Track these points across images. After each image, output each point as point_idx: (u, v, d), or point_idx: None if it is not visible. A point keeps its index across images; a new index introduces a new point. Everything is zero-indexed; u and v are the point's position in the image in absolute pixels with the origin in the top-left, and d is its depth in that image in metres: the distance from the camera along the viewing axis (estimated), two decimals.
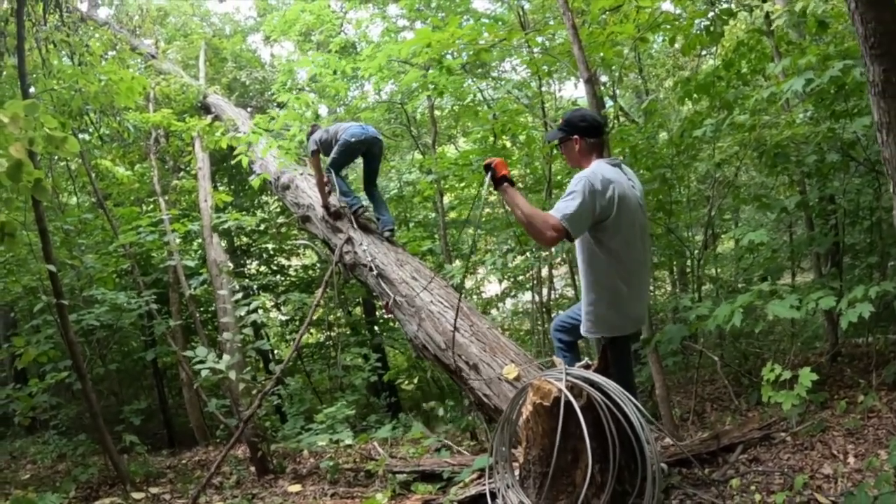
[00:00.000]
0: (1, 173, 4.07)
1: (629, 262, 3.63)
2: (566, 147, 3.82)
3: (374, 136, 6.67)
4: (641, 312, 3.83)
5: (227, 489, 5.93)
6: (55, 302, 6.49)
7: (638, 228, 3.67)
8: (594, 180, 3.45)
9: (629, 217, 3.57)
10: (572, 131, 3.74)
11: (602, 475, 3.25)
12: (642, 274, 3.74)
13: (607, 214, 3.47)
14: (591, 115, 3.90)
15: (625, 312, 3.71)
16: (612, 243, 3.56)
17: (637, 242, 3.66)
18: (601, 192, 3.43)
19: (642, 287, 3.78)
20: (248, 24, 14.98)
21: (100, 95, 7.51)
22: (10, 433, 10.44)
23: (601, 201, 3.43)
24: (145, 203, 10.18)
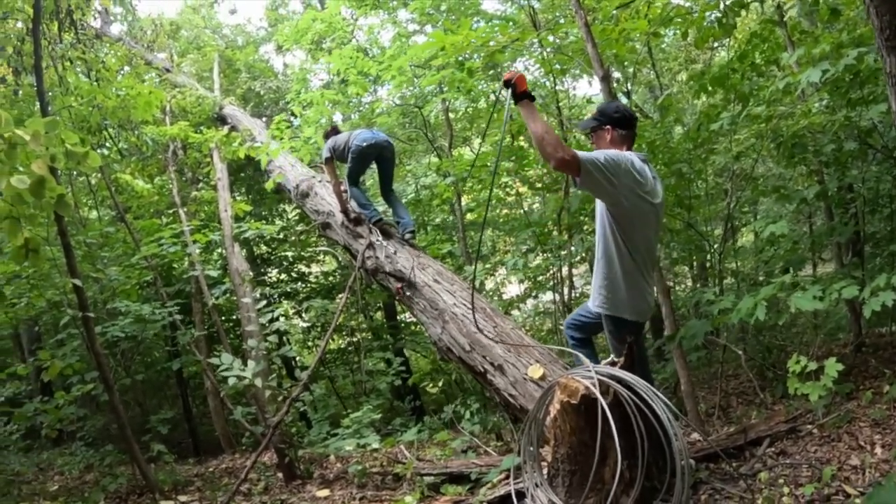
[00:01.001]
0: (24, 190, 4.14)
1: (639, 254, 3.72)
2: (598, 136, 3.90)
3: (385, 141, 6.72)
4: (647, 306, 3.88)
5: (255, 495, 5.96)
6: (80, 315, 6.57)
7: (653, 228, 3.78)
8: (627, 160, 3.57)
9: (648, 213, 3.67)
10: (606, 121, 3.84)
11: (631, 472, 3.26)
12: (650, 268, 3.83)
13: (629, 198, 3.57)
14: (624, 107, 3.97)
15: (633, 299, 3.78)
16: (627, 230, 3.67)
17: (650, 239, 3.78)
18: (626, 172, 3.53)
19: (649, 281, 3.85)
20: (260, 34, 15.14)
21: (118, 110, 7.62)
22: (37, 445, 10.54)
23: (624, 179, 3.52)
24: (165, 215, 10.26)
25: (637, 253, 3.71)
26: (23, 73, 7.88)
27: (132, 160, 11.23)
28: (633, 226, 3.68)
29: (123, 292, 8.62)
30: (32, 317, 9.71)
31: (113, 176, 9.56)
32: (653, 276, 3.88)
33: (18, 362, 10.99)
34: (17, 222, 4.46)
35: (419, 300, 5.66)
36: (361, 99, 10.39)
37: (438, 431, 6.90)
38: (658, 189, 3.77)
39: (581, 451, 3.38)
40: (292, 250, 12.54)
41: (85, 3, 8.06)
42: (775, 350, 7.40)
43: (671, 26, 6.52)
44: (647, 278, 3.80)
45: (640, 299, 3.80)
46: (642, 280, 3.76)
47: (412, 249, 6.36)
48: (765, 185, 7.66)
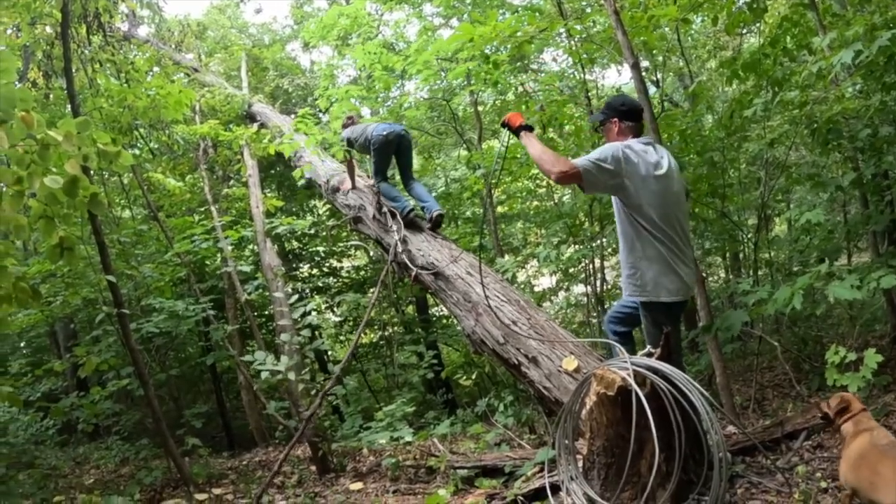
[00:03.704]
0: (58, 190, 4.20)
1: (662, 232, 3.75)
2: (606, 129, 4.07)
3: (402, 131, 6.84)
4: (682, 282, 3.85)
5: (289, 488, 6.02)
6: (116, 311, 6.67)
7: (671, 200, 3.82)
8: (621, 149, 3.74)
9: (659, 189, 3.75)
10: (612, 114, 4.00)
11: (667, 465, 3.23)
12: (679, 244, 3.84)
13: (633, 183, 3.70)
14: (630, 100, 4.16)
15: (662, 279, 3.80)
16: (643, 213, 3.74)
17: (671, 214, 3.80)
18: (625, 159, 3.70)
19: (681, 256, 3.84)
20: (286, 32, 15.16)
21: (148, 110, 7.71)
22: (73, 440, 10.72)
23: (626, 169, 3.69)
24: (197, 212, 10.36)
25: (660, 232, 3.75)
26: (53, 77, 8.00)
27: (163, 159, 11.37)
28: (649, 207, 3.74)
29: (157, 289, 8.74)
30: (68, 314, 9.90)
31: (145, 175, 9.68)
32: (686, 251, 3.87)
33: (54, 359, 11.18)
34: (52, 222, 4.54)
35: (452, 293, 5.64)
36: (389, 93, 10.39)
37: (471, 424, 6.90)
38: (665, 163, 3.84)
39: (617, 444, 3.36)
40: (323, 245, 12.61)
41: (112, 6, 8.15)
42: (810, 342, 7.30)
43: (700, 12, 6.44)
44: (677, 255, 3.80)
45: (670, 277, 3.79)
46: (672, 258, 3.77)
47: (444, 241, 6.35)
48: (798, 172, 7.54)
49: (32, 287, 4.77)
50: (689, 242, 3.96)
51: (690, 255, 3.95)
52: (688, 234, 3.97)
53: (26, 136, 4.03)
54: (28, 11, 6.89)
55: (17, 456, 7.94)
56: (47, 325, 11.27)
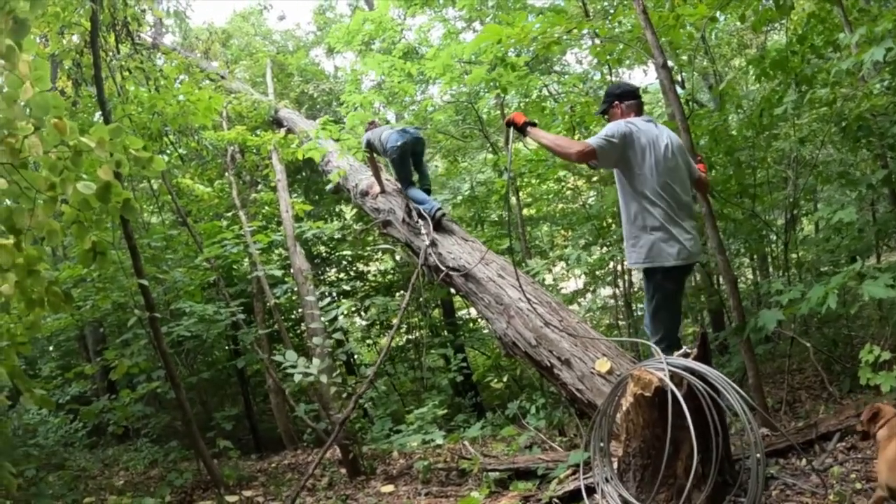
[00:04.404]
0: (91, 195, 4.26)
1: (662, 199, 3.99)
2: (611, 115, 4.35)
3: (416, 136, 7.03)
4: (682, 247, 4.00)
5: (319, 490, 6.04)
6: (147, 315, 6.75)
7: (671, 168, 4.05)
8: (624, 124, 4.05)
9: (659, 159, 4.00)
10: (612, 99, 4.35)
11: (703, 466, 3.21)
12: (678, 211, 4.03)
13: (635, 154, 4.00)
14: (625, 83, 4.63)
15: (664, 245, 3.98)
16: (644, 182, 4.00)
17: (670, 182, 4.02)
18: (629, 133, 4.01)
19: (680, 223, 4.01)
20: (310, 38, 15.27)
21: (178, 117, 7.82)
22: (102, 442, 10.83)
23: (629, 140, 3.99)
24: (225, 217, 10.46)
25: (659, 199, 3.98)
26: (82, 85, 8.11)
27: (192, 164, 11.49)
28: (650, 176, 3.99)
29: (187, 293, 8.83)
30: (98, 318, 10.01)
31: (174, 180, 9.78)
32: (686, 218, 4.06)
33: (84, 362, 11.32)
34: (85, 227, 4.60)
35: (483, 295, 5.64)
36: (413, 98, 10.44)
37: (502, 427, 6.89)
38: (664, 137, 4.11)
39: (654, 445, 3.34)
40: (351, 249, 12.67)
41: (140, 14, 8.26)
42: (841, 343, 7.21)
43: (727, 10, 6.40)
44: (677, 222, 3.99)
45: (670, 243, 3.96)
46: (671, 224, 3.97)
47: (474, 244, 6.36)
48: (827, 171, 7.46)
49: (64, 291, 4.85)
50: (691, 212, 4.16)
51: (692, 222, 4.12)
52: (689, 205, 4.16)
53: (59, 142, 4.10)
54: (57, 21, 7.01)
55: (47, 458, 8.04)
56: (77, 328, 11.39)
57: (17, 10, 3.68)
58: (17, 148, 3.94)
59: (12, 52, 3.75)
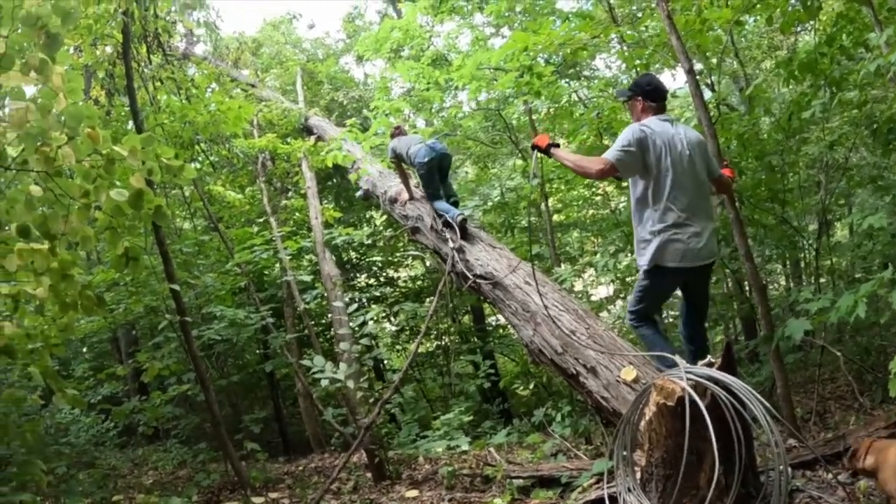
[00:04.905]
0: (123, 202, 4.37)
1: (675, 200, 3.99)
2: (631, 105, 4.35)
3: (443, 152, 7.09)
4: (700, 249, 4.03)
5: (344, 494, 6.09)
6: (179, 319, 6.87)
7: (688, 171, 4.04)
8: (638, 129, 4.03)
9: (675, 159, 3.99)
10: (638, 92, 4.26)
11: (726, 477, 3.18)
12: (696, 212, 4.03)
13: (651, 157, 3.97)
14: (657, 81, 4.36)
15: (668, 246, 3.99)
16: (658, 183, 4.00)
17: (687, 184, 4.01)
18: (644, 138, 3.98)
19: (693, 225, 4.01)
20: (339, 46, 15.40)
21: (209, 125, 7.95)
22: (132, 441, 11.00)
23: (644, 145, 3.97)
24: (256, 223, 10.61)
25: (675, 201, 3.98)
26: (115, 95, 8.28)
27: (223, 172, 11.66)
28: (663, 177, 3.99)
29: (218, 297, 8.95)
30: (130, 321, 10.20)
31: (205, 187, 9.93)
32: (699, 221, 4.05)
33: (115, 364, 11.53)
34: (118, 233, 4.69)
35: (511, 302, 5.63)
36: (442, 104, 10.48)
37: (527, 435, 6.88)
38: (681, 136, 4.08)
39: (677, 455, 3.30)
40: (380, 255, 12.74)
41: (171, 25, 8.42)
42: (873, 352, 7.07)
43: (754, 13, 6.35)
44: (691, 224, 3.99)
45: (679, 245, 3.98)
46: (684, 227, 3.98)
47: (502, 251, 6.36)
48: (859, 175, 7.33)
49: (97, 295, 4.95)
50: (707, 212, 4.15)
51: (707, 223, 4.10)
52: (705, 204, 4.16)
53: (92, 151, 4.20)
54: (90, 33, 7.17)
55: (78, 456, 8.18)
56: (110, 331, 11.60)
57: (50, 25, 3.78)
58: (52, 157, 4.05)
59: (46, 66, 3.86)
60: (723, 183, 4.49)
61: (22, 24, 3.75)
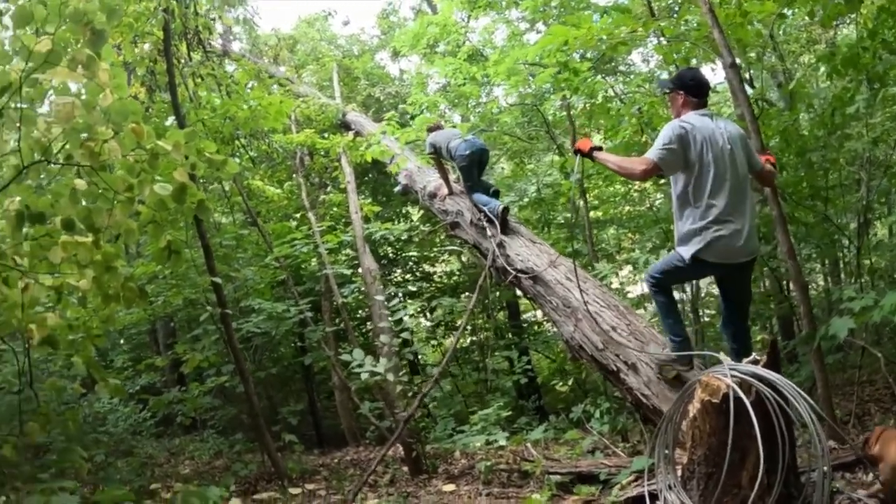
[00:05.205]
0: (166, 196, 4.44)
1: (717, 196, 3.96)
2: (671, 98, 4.31)
3: (483, 147, 7.17)
4: (742, 245, 4.01)
5: (381, 487, 6.11)
6: (219, 311, 6.97)
7: (729, 166, 4.00)
8: (678, 126, 4.01)
9: (715, 155, 3.97)
10: (680, 86, 4.22)
11: (769, 477, 3.14)
12: (736, 207, 4.00)
13: (692, 154, 3.96)
14: (701, 76, 4.33)
15: (717, 243, 3.97)
16: (699, 181, 3.98)
17: (728, 180, 3.98)
18: (685, 134, 3.97)
19: (735, 221, 3.99)
20: (374, 42, 15.45)
21: (249, 121, 8.05)
22: (169, 431, 11.18)
23: (685, 141, 3.96)
24: (294, 218, 10.71)
25: (715, 197, 3.96)
26: (156, 91, 8.42)
27: (262, 167, 11.79)
28: (704, 173, 3.97)
29: (257, 291, 9.06)
30: (169, 313, 10.36)
31: (245, 182, 10.04)
32: (745, 216, 4.03)
33: (154, 355, 11.73)
34: (160, 226, 4.78)
35: (552, 298, 5.61)
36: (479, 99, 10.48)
37: (565, 431, 6.85)
38: (722, 131, 4.05)
39: (719, 454, 3.27)
40: (417, 250, 12.79)
41: (210, 23, 8.52)
42: None
43: (794, 6, 6.23)
44: (731, 220, 3.97)
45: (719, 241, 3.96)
46: (723, 223, 3.95)
47: (542, 246, 6.33)
48: None
49: (140, 287, 5.05)
50: (746, 207, 4.08)
51: (746, 219, 4.05)
52: (745, 199, 4.09)
53: (136, 146, 4.28)
54: (130, 31, 7.29)
55: (116, 444, 8.31)
56: (149, 323, 11.81)
57: (96, 21, 3.85)
58: (97, 151, 4.13)
59: (93, 62, 3.94)
60: (765, 175, 4.43)
61: (68, 21, 3.82)
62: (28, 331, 4.76)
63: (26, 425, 4.86)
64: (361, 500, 5.27)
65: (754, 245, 4.15)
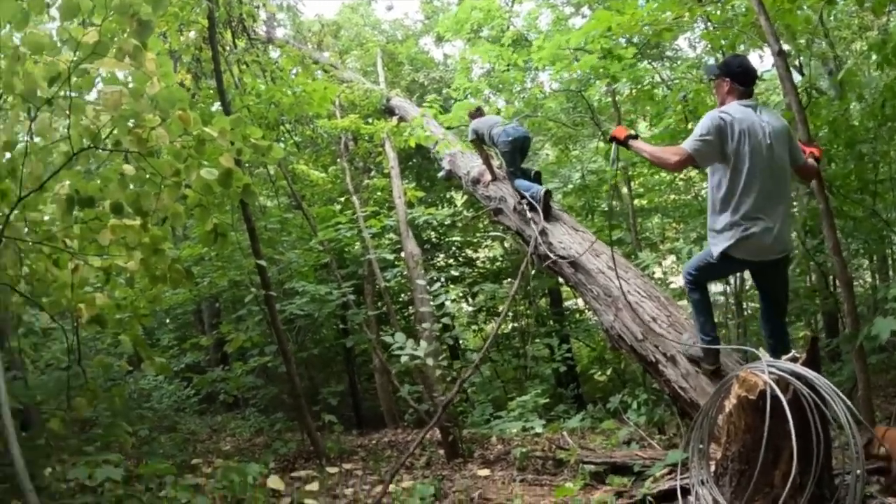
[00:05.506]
0: (213, 181, 4.55)
1: (753, 190, 3.90)
2: (717, 85, 4.24)
3: (526, 134, 7.21)
4: (771, 244, 3.96)
5: (417, 469, 6.19)
6: (264, 293, 7.11)
7: (768, 159, 3.93)
8: (717, 117, 3.95)
9: (753, 150, 3.89)
10: (726, 73, 4.14)
11: (802, 477, 3.09)
12: (772, 202, 3.95)
13: (729, 146, 3.90)
14: (748, 64, 4.23)
15: (746, 241, 3.93)
16: (735, 173, 3.92)
17: (764, 176, 3.92)
18: (723, 126, 3.91)
19: (769, 216, 3.93)
20: (418, 27, 15.42)
21: (293, 107, 8.15)
22: (211, 409, 11.50)
23: (723, 133, 3.90)
24: (338, 202, 10.82)
25: (751, 191, 3.89)
26: (202, 78, 8.56)
27: (307, 152, 11.93)
28: (741, 165, 3.90)
29: (300, 273, 9.20)
30: (214, 294, 10.60)
31: (290, 167, 10.18)
32: (779, 213, 3.97)
33: (199, 334, 12.01)
34: (207, 210, 4.91)
35: (592, 286, 5.60)
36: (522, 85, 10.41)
37: (601, 421, 6.84)
38: (765, 123, 3.95)
39: (754, 451, 3.24)
40: (461, 235, 12.81)
41: (255, 10, 8.63)
42: None
43: None
44: (765, 216, 3.91)
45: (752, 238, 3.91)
46: (756, 220, 3.90)
47: (584, 234, 6.31)
48: None
49: (186, 269, 5.20)
50: (783, 202, 4.03)
51: (780, 217, 3.99)
52: (782, 194, 4.04)
53: (183, 132, 4.39)
54: (176, 20, 7.44)
55: (160, 420, 8.63)
56: (194, 303, 12.09)
57: (141, 12, 3.94)
58: (144, 138, 4.25)
59: (139, 52, 4.04)
60: (807, 170, 4.33)
61: (115, 13, 3.92)
62: (77, 310, 4.96)
63: (74, 400, 5.08)
64: (397, 481, 5.34)
65: (785, 243, 4.09)
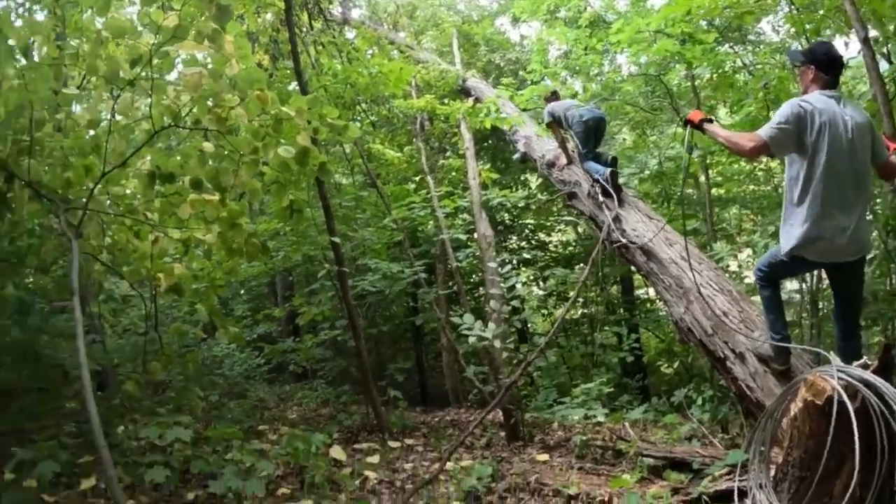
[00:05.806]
0: (290, 159, 4.69)
1: (830, 185, 3.74)
2: (802, 72, 4.07)
3: (601, 116, 7.17)
4: (845, 245, 3.80)
5: (477, 449, 6.25)
6: (336, 269, 7.27)
7: (849, 154, 3.76)
8: (797, 105, 3.81)
9: (832, 143, 3.72)
10: (812, 61, 3.97)
11: (862, 489, 2.98)
12: (850, 199, 3.79)
13: (808, 137, 3.74)
14: (835, 52, 4.04)
15: (818, 242, 3.79)
16: (813, 166, 3.76)
17: (842, 171, 3.75)
18: (803, 115, 3.76)
19: (845, 215, 3.77)
20: (494, 7, 15.23)
21: (369, 87, 8.24)
22: (280, 378, 11.80)
23: (802, 123, 3.75)
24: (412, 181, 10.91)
25: (828, 186, 3.74)
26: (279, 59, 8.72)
27: (382, 131, 12.05)
28: (818, 158, 3.74)
29: (373, 251, 9.36)
30: (288, 268, 10.89)
31: (365, 146, 10.32)
32: (855, 212, 3.80)
33: (272, 306, 12.37)
34: (283, 187, 5.06)
35: (664, 277, 5.49)
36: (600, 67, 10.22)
37: (665, 414, 6.75)
38: (847, 117, 3.78)
39: (816, 458, 3.13)
40: (534, 218, 12.76)
41: None
42: None
43: None
44: (840, 213, 3.76)
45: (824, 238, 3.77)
46: (831, 217, 3.75)
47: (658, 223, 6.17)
48: None
49: (262, 243, 5.38)
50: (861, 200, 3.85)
51: (856, 216, 3.80)
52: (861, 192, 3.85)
53: (261, 112, 4.52)
54: (253, 2, 7.60)
55: (230, 387, 8.93)
56: (268, 276, 12.46)
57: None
58: (223, 117, 4.41)
59: (218, 35, 4.18)
60: (888, 168, 4.08)
61: None
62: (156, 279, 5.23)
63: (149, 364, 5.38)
64: (456, 459, 5.41)
65: (862, 244, 3.90)
